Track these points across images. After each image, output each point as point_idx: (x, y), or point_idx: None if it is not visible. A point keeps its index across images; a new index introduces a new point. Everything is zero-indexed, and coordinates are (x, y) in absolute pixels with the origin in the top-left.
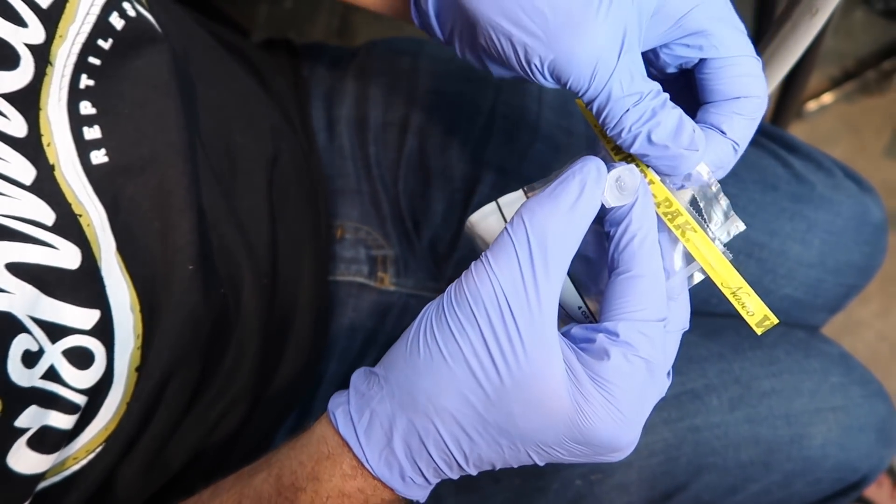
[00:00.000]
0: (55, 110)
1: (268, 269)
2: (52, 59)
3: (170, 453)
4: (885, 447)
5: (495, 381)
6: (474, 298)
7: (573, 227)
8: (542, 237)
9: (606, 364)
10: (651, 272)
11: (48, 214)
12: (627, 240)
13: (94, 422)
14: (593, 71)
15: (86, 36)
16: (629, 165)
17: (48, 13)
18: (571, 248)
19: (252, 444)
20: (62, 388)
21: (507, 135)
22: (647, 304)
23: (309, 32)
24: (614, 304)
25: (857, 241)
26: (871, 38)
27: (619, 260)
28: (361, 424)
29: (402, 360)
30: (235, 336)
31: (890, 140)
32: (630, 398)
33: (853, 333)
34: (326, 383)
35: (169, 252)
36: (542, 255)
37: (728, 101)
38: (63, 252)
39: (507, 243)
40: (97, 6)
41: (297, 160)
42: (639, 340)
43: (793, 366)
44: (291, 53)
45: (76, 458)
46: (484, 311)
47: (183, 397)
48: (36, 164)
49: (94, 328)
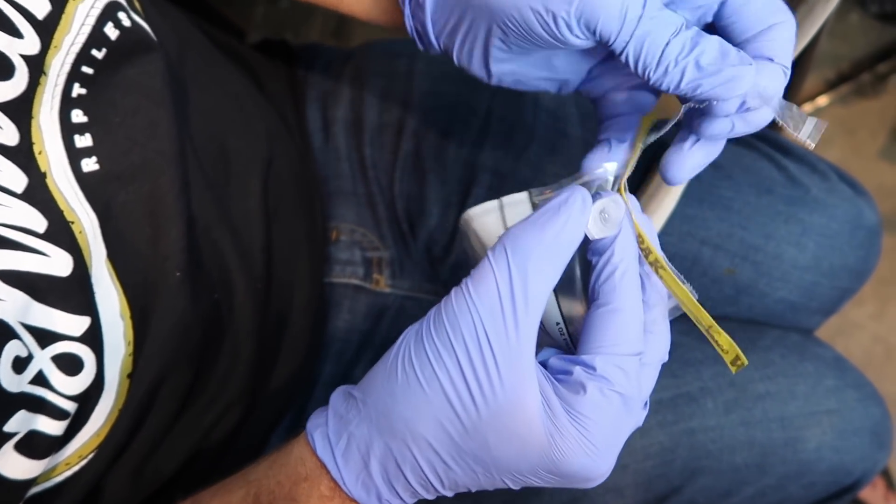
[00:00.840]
0: (47, 118)
1: (262, 272)
2: (46, 69)
3: (162, 458)
4: (879, 450)
5: (471, 412)
6: (453, 328)
7: (556, 259)
8: (523, 268)
9: (582, 398)
10: (630, 306)
11: (40, 222)
12: (609, 272)
13: (86, 428)
14: (623, 8)
15: (80, 46)
16: (614, 196)
17: (44, 24)
18: (553, 279)
19: (247, 447)
20: (50, 393)
21: (503, 137)
22: (624, 339)
23: (305, 33)
24: (593, 336)
25: (851, 245)
26: (867, 41)
27: (600, 292)
28: (339, 447)
29: (380, 384)
30: (229, 340)
31: (885, 142)
32: (604, 432)
33: (848, 335)
34: (322, 385)
35: (158, 259)
36: (523, 286)
37: (761, 33)
38: (54, 259)
39: (487, 272)
40: (93, 17)
41: (292, 162)
42: (615, 375)
43: (787, 369)
44: (287, 55)
45: (68, 463)
46: (462, 342)
47: (175, 403)
48: (27, 171)
49: (84, 335)
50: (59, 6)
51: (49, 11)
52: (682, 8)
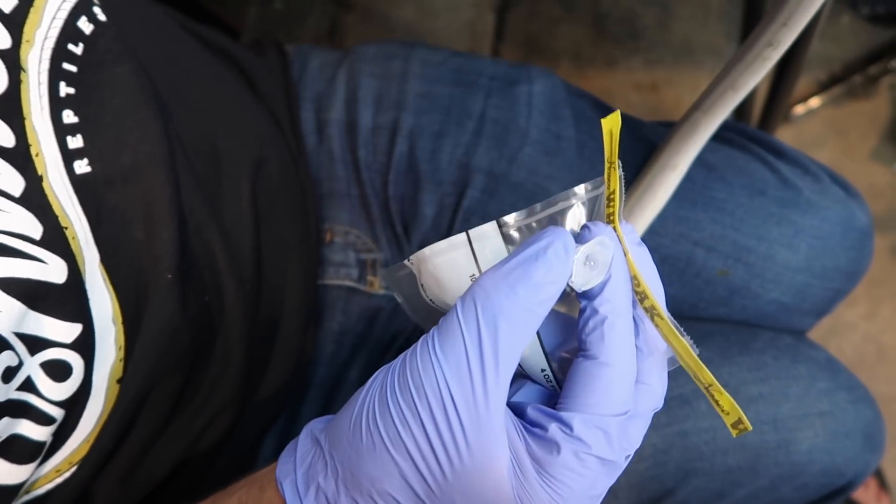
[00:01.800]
0: (39, 119)
1: (252, 274)
2: (23, 64)
3: (152, 463)
4: (871, 452)
5: (438, 474)
6: (417, 389)
7: (531, 317)
8: (493, 327)
9: (556, 459)
10: (619, 361)
11: (36, 228)
12: (596, 322)
13: (75, 434)
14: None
15: (54, 41)
16: (601, 237)
17: (11, 17)
18: (527, 337)
19: (240, 451)
20: (36, 398)
21: (497, 139)
22: (609, 398)
23: (299, 33)
24: (575, 391)
25: (843, 247)
26: (858, 42)
27: (587, 342)
28: (308, 498)
29: (345, 440)
30: (220, 343)
31: (876, 143)
32: (577, 496)
33: (840, 335)
34: (315, 388)
35: (150, 262)
36: (493, 347)
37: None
38: (51, 266)
39: (454, 329)
40: (64, 11)
41: (285, 164)
42: (595, 438)
43: (780, 371)
44: (281, 56)
45: (59, 469)
46: (427, 404)
47: (165, 407)
48: (25, 174)
49: (75, 342)
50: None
51: (16, 5)
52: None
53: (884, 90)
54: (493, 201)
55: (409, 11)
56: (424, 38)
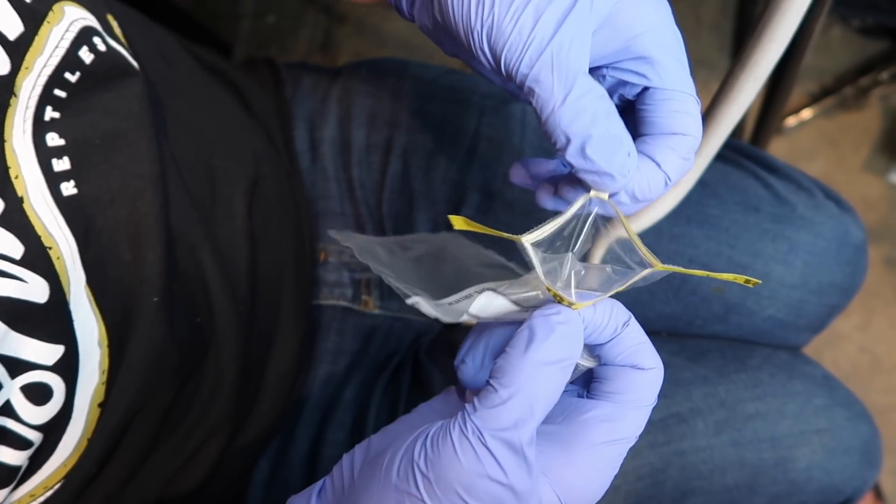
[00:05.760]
0: (20, 142)
1: (246, 294)
2: (16, 90)
3: (140, 485)
4: (869, 469)
5: None
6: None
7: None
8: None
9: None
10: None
11: (17, 248)
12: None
13: (53, 458)
14: (528, 38)
15: (52, 69)
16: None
17: (15, 45)
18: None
19: (233, 472)
20: (14, 423)
21: (491, 157)
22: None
23: (292, 47)
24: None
25: (838, 262)
26: (849, 54)
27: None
28: None
29: None
30: (212, 364)
31: (868, 155)
32: None
33: (835, 346)
34: (310, 408)
35: (137, 283)
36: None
37: (665, 136)
38: (32, 285)
39: None
40: (67, 40)
41: (279, 183)
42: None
43: (777, 388)
44: (274, 74)
45: (33, 495)
46: None
47: (150, 430)
48: (4, 196)
49: (57, 364)
50: (33, 28)
51: (21, 32)
52: (612, 77)
53: (875, 101)
54: (488, 219)
55: (402, 25)
56: (417, 52)
